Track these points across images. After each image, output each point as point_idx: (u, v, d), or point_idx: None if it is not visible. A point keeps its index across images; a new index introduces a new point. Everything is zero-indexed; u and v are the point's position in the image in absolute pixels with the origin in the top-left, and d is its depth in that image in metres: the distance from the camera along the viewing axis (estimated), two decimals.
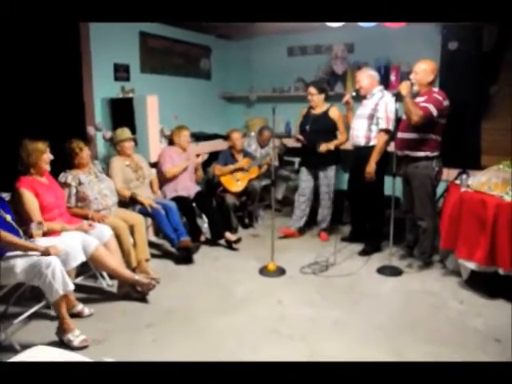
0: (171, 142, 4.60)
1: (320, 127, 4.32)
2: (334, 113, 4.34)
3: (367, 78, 3.99)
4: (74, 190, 3.43)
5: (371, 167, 3.89)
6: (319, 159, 4.35)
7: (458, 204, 3.34)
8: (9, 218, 2.73)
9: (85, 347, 2.60)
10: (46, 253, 2.61)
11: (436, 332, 2.79)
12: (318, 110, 4.39)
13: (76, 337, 2.64)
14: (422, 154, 3.56)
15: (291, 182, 5.58)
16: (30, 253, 2.62)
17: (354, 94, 4.05)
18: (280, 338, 2.73)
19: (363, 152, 3.97)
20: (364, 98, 4.05)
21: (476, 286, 3.33)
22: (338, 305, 3.17)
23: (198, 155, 4.63)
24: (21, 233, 2.76)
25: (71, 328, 2.66)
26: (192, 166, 4.56)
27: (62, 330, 2.66)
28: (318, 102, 4.35)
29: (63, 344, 2.60)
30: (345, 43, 5.24)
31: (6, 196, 3.00)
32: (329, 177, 4.43)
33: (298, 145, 4.60)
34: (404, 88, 3.45)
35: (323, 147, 4.25)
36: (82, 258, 2.94)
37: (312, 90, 4.33)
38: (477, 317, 2.97)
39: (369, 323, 2.90)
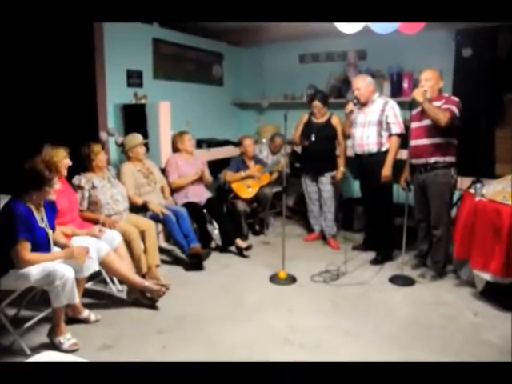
0: (175, 149, 4.55)
1: (324, 135, 4.44)
2: (336, 121, 4.47)
3: (368, 85, 3.97)
4: (86, 194, 3.45)
5: (388, 170, 3.90)
6: (320, 165, 4.49)
7: (473, 213, 3.28)
8: (51, 233, 2.76)
9: (75, 350, 2.60)
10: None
11: (449, 344, 2.74)
12: (320, 119, 4.50)
13: (67, 340, 2.66)
14: (442, 159, 3.53)
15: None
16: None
17: (355, 101, 3.97)
18: (291, 347, 2.70)
19: (376, 158, 3.95)
20: (363, 105, 4.01)
21: (491, 298, 3.26)
22: (349, 314, 3.13)
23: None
24: (50, 236, 2.77)
25: (63, 331, 2.68)
26: (197, 175, 4.44)
27: (54, 333, 2.68)
28: (322, 113, 4.50)
29: (53, 346, 2.62)
30: (357, 50, 5.22)
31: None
32: (329, 182, 4.49)
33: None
34: (419, 95, 3.43)
35: (339, 175, 4.46)
36: (95, 268, 2.94)
37: (317, 104, 4.45)
38: (491, 329, 2.90)
39: (380, 334, 2.86)
